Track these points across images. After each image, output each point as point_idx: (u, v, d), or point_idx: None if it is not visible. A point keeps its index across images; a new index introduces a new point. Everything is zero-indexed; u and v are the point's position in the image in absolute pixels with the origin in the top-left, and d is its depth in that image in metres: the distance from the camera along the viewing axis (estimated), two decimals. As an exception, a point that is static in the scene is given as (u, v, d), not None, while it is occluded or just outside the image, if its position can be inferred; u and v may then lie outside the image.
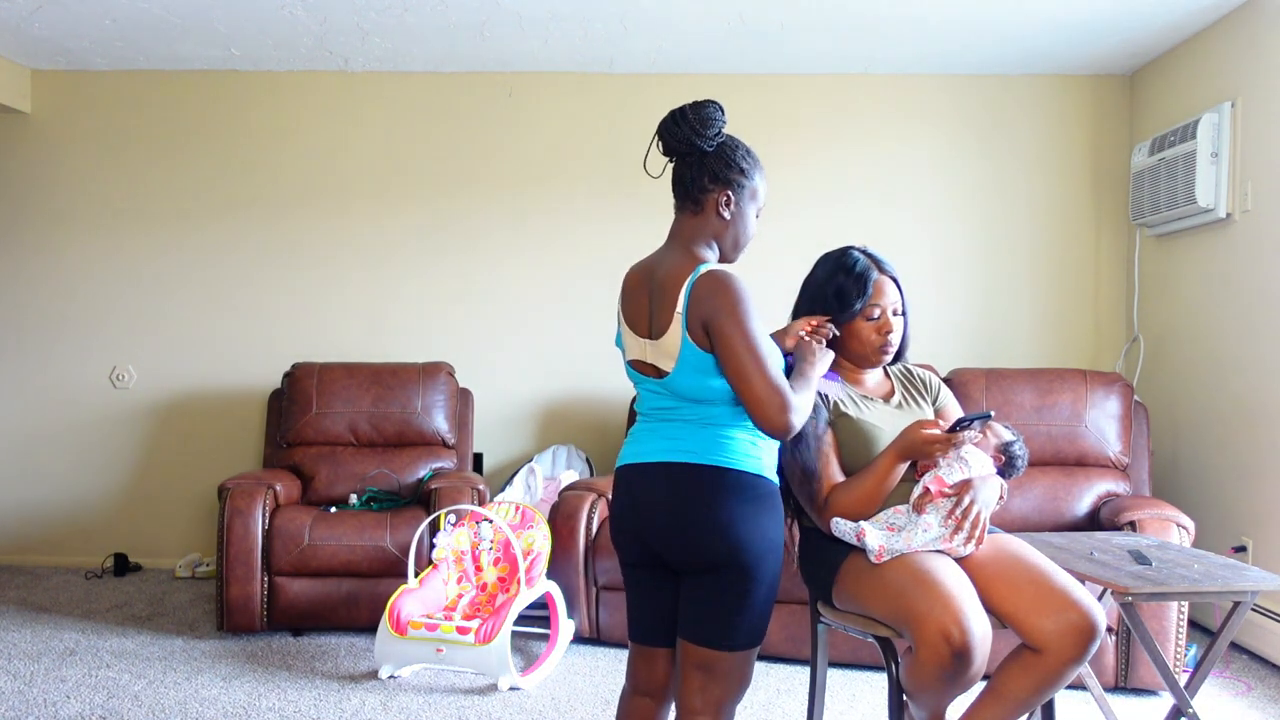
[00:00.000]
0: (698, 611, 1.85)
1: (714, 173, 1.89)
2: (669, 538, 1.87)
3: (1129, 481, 3.75)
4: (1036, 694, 1.98)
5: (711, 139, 1.89)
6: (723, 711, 1.87)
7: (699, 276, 1.81)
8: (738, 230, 1.95)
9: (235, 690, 3.24)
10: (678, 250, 1.91)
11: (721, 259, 1.96)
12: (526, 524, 3.66)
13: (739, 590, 1.82)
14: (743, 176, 1.93)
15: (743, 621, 1.83)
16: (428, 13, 4.01)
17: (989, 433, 2.22)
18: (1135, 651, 3.24)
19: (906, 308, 2.25)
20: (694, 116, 1.87)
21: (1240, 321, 3.79)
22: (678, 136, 1.88)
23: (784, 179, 4.72)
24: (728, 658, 1.84)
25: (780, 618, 3.51)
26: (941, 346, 4.52)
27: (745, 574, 1.82)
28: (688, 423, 1.87)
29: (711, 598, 1.83)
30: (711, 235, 1.93)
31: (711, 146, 1.90)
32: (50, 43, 4.42)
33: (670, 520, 1.85)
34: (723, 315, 1.77)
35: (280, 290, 4.81)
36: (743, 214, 1.95)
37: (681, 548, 1.85)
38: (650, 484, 1.88)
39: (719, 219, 1.92)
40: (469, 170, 4.78)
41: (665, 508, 1.86)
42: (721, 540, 1.80)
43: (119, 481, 4.85)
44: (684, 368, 1.83)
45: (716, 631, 1.83)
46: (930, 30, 4.12)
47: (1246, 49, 3.76)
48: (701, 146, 1.88)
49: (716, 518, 1.80)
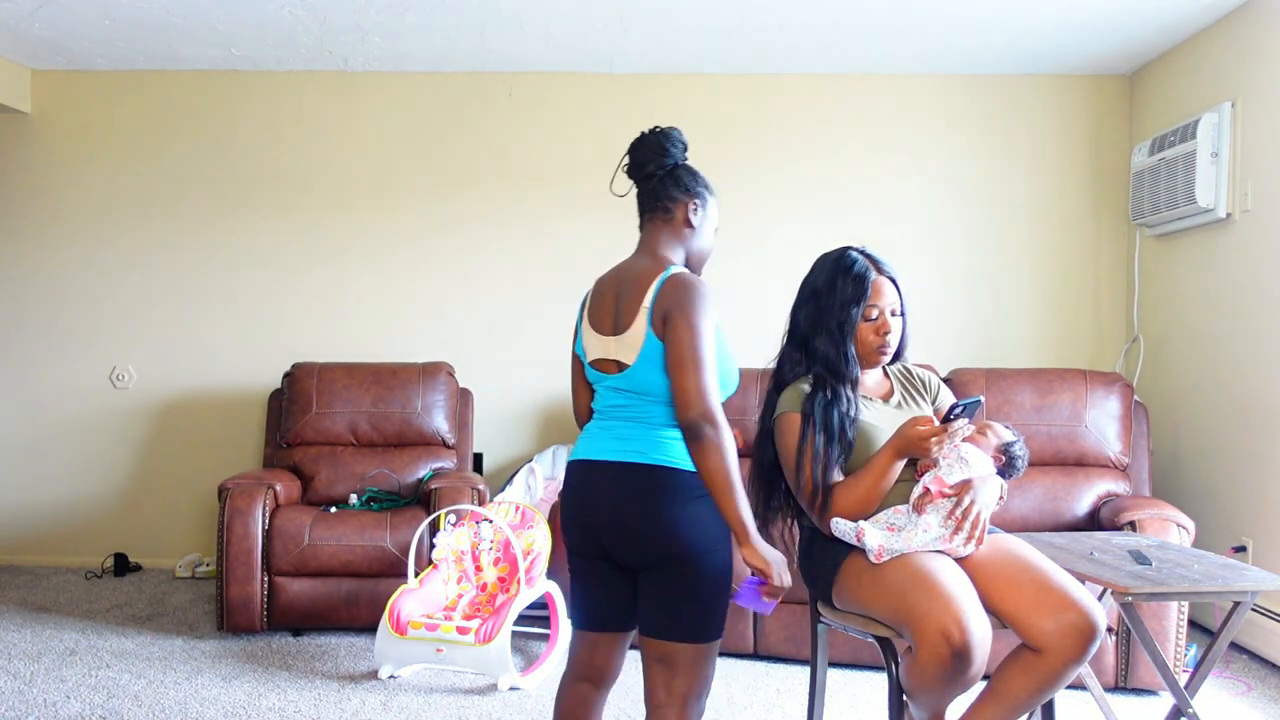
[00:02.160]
0: (653, 607, 1.94)
1: (684, 184, 2.04)
2: (616, 537, 1.95)
3: (1129, 481, 3.75)
4: (1036, 694, 1.98)
5: (679, 153, 2.05)
6: (688, 704, 1.93)
7: (669, 275, 1.92)
8: (702, 241, 2.08)
9: (235, 690, 3.24)
10: (649, 255, 2.02)
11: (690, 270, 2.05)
12: (526, 524, 3.66)
13: (686, 586, 1.90)
14: (706, 190, 2.07)
15: (694, 615, 1.90)
16: (428, 13, 4.01)
17: (989, 433, 2.22)
18: (1135, 651, 3.24)
19: (905, 308, 2.25)
20: (664, 132, 2.04)
21: (1240, 321, 3.79)
22: (650, 148, 2.03)
23: (784, 179, 4.73)
24: (685, 650, 1.90)
25: (780, 618, 3.51)
26: (941, 346, 4.53)
27: (691, 569, 1.89)
28: (639, 422, 1.95)
29: (663, 594, 1.92)
30: (680, 243, 2.05)
31: (681, 160, 2.06)
32: (50, 43, 4.42)
33: (616, 520, 1.94)
34: (680, 309, 1.86)
35: (280, 290, 4.81)
36: (706, 225, 2.08)
37: (628, 547, 1.94)
38: (599, 483, 1.96)
39: (688, 226, 2.04)
40: (469, 170, 4.78)
41: (611, 507, 1.94)
42: (665, 539, 1.89)
43: (119, 481, 4.85)
44: (644, 361, 1.91)
45: (671, 626, 1.91)
46: (930, 30, 4.12)
47: (1246, 49, 3.76)
48: (673, 158, 2.04)
49: (659, 517, 1.89)
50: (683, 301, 1.86)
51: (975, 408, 2.07)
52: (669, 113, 4.69)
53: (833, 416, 2.12)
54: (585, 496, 1.99)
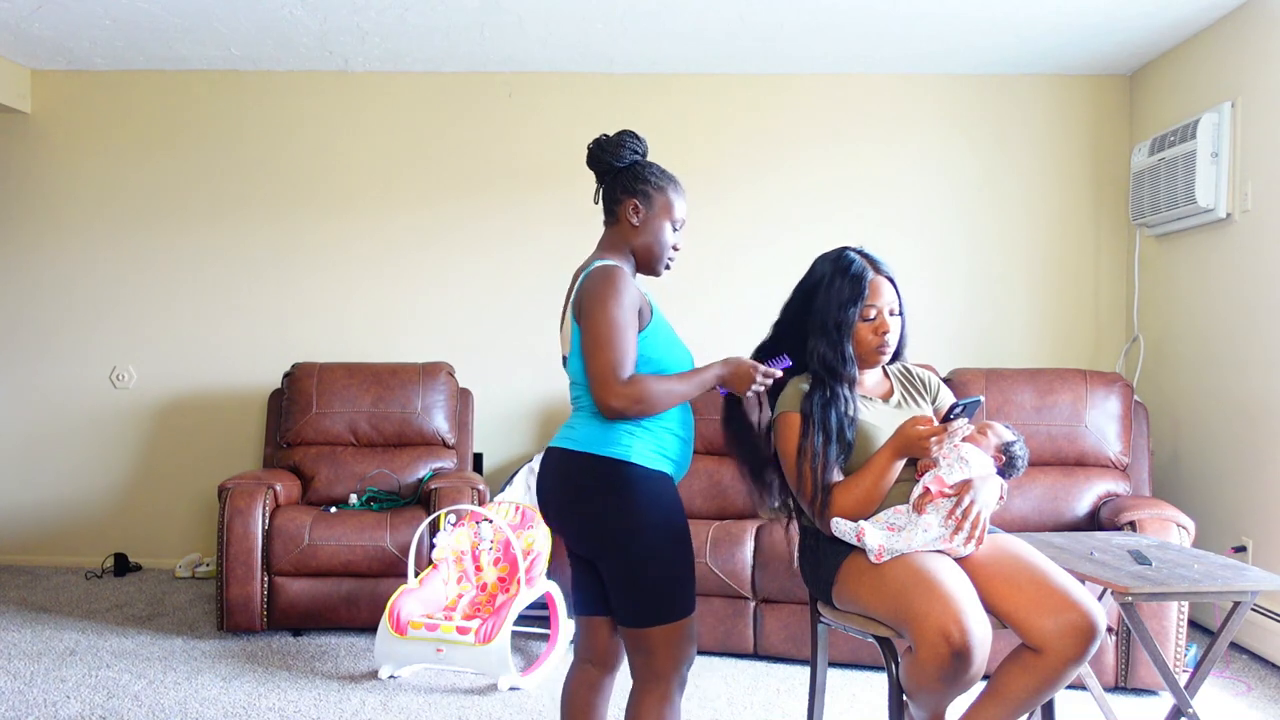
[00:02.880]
0: (612, 594, 2.01)
1: (624, 185, 2.10)
2: (557, 523, 2.07)
3: (1129, 481, 3.74)
4: (1036, 694, 1.98)
5: (623, 158, 2.11)
6: (668, 681, 1.99)
7: (591, 269, 2.02)
8: (649, 238, 2.10)
9: (235, 690, 3.24)
10: (591, 255, 2.12)
11: (642, 267, 2.13)
12: (526, 524, 3.67)
13: (629, 573, 1.96)
14: (651, 189, 2.10)
15: (646, 600, 1.96)
16: (428, 13, 4.01)
17: (989, 432, 2.22)
18: (1135, 651, 3.24)
19: (904, 307, 2.24)
20: (608, 140, 2.12)
21: (1240, 321, 3.79)
22: (595, 157, 2.13)
23: (783, 178, 4.73)
24: (651, 634, 1.96)
25: (780, 618, 3.51)
26: (942, 347, 4.53)
27: (626, 557, 1.96)
28: (581, 410, 2.05)
29: (616, 581, 1.99)
30: (624, 243, 2.11)
31: (623, 164, 2.11)
32: (50, 43, 4.42)
33: (553, 505, 2.06)
34: (590, 298, 1.95)
35: (280, 290, 4.81)
36: (653, 224, 2.10)
37: (567, 532, 2.05)
38: (545, 471, 2.09)
39: (630, 226, 2.10)
40: (469, 170, 4.78)
41: (550, 493, 2.06)
42: (592, 526, 1.98)
43: (119, 481, 4.85)
44: (574, 352, 2.03)
45: (630, 612, 1.98)
46: (930, 30, 4.12)
47: (1246, 49, 3.76)
48: (613, 164, 2.11)
49: (583, 505, 1.99)
50: (592, 292, 1.95)
51: (975, 407, 2.07)
52: (668, 113, 4.69)
53: (831, 417, 2.12)
54: (539, 484, 2.11)
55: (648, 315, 2.02)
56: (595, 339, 1.92)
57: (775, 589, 3.50)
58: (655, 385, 1.94)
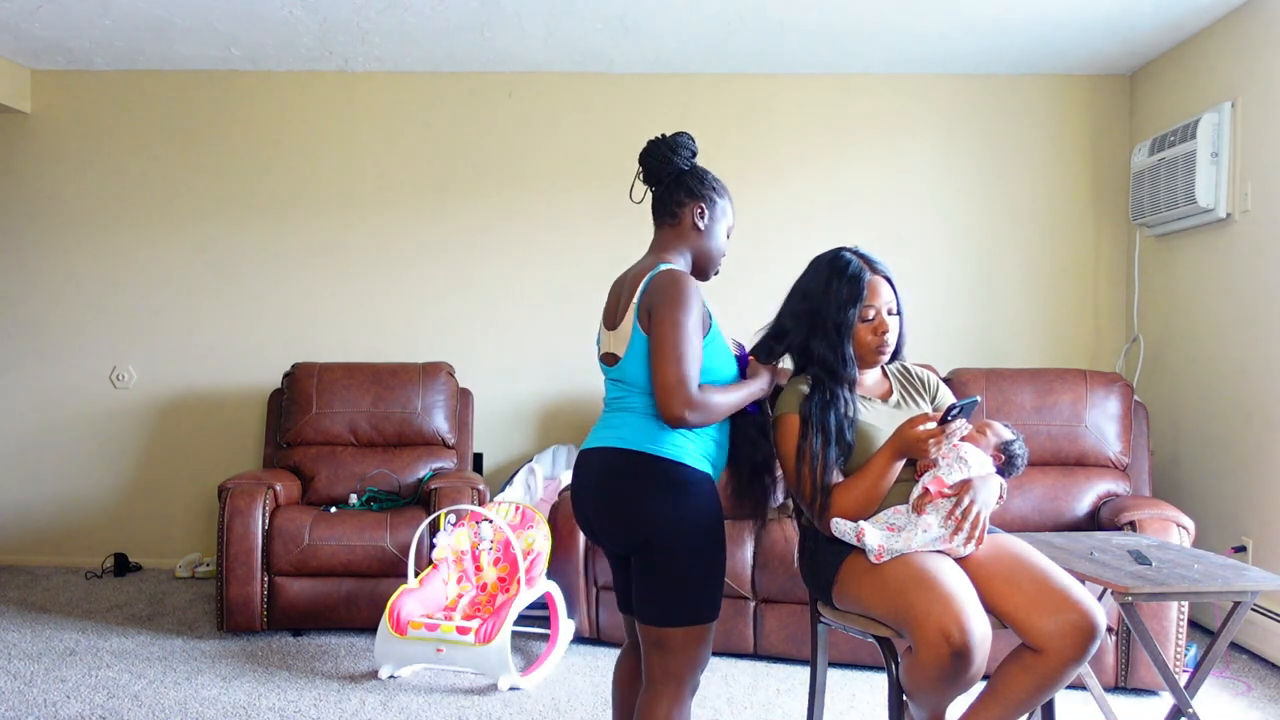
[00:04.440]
0: (639, 591, 2.02)
1: (689, 189, 2.11)
2: (599, 521, 2.06)
3: (1129, 481, 3.74)
4: (1036, 694, 1.98)
5: (686, 159, 2.12)
6: (683, 683, 2.00)
7: (659, 271, 2.01)
8: (710, 244, 2.14)
9: (235, 690, 3.24)
10: (651, 255, 2.12)
11: (696, 272, 2.15)
12: (526, 524, 3.67)
13: (668, 571, 1.96)
14: (715, 194, 2.14)
15: (678, 599, 1.97)
16: (428, 13, 4.01)
17: (988, 432, 2.22)
18: (1135, 651, 3.24)
19: (901, 307, 2.24)
20: (669, 140, 2.12)
21: (1240, 321, 3.79)
22: (657, 156, 2.12)
23: (783, 178, 4.73)
24: (673, 634, 1.97)
25: (780, 618, 3.51)
26: (941, 347, 4.53)
27: (668, 555, 1.96)
28: (631, 412, 2.04)
29: (647, 578, 1.99)
30: (686, 245, 2.13)
31: (687, 165, 2.13)
32: (50, 43, 4.42)
33: (599, 503, 2.05)
34: (663, 303, 1.94)
35: (280, 290, 4.81)
36: (715, 229, 2.14)
37: (611, 530, 2.05)
38: (587, 469, 2.09)
39: (695, 230, 2.12)
40: (469, 170, 4.78)
41: (595, 491, 2.06)
42: (642, 523, 1.97)
43: (119, 481, 4.85)
44: (632, 354, 2.01)
45: (656, 610, 1.98)
46: (930, 30, 4.12)
47: (1246, 49, 3.76)
48: (678, 164, 2.12)
49: (637, 501, 1.98)
50: (665, 297, 1.94)
51: (972, 408, 2.07)
52: (669, 113, 4.69)
53: (830, 419, 2.12)
54: (578, 483, 2.12)
55: (708, 323, 2.03)
56: (669, 347, 1.91)
57: (775, 589, 3.50)
58: (720, 398, 1.98)
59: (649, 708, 2.01)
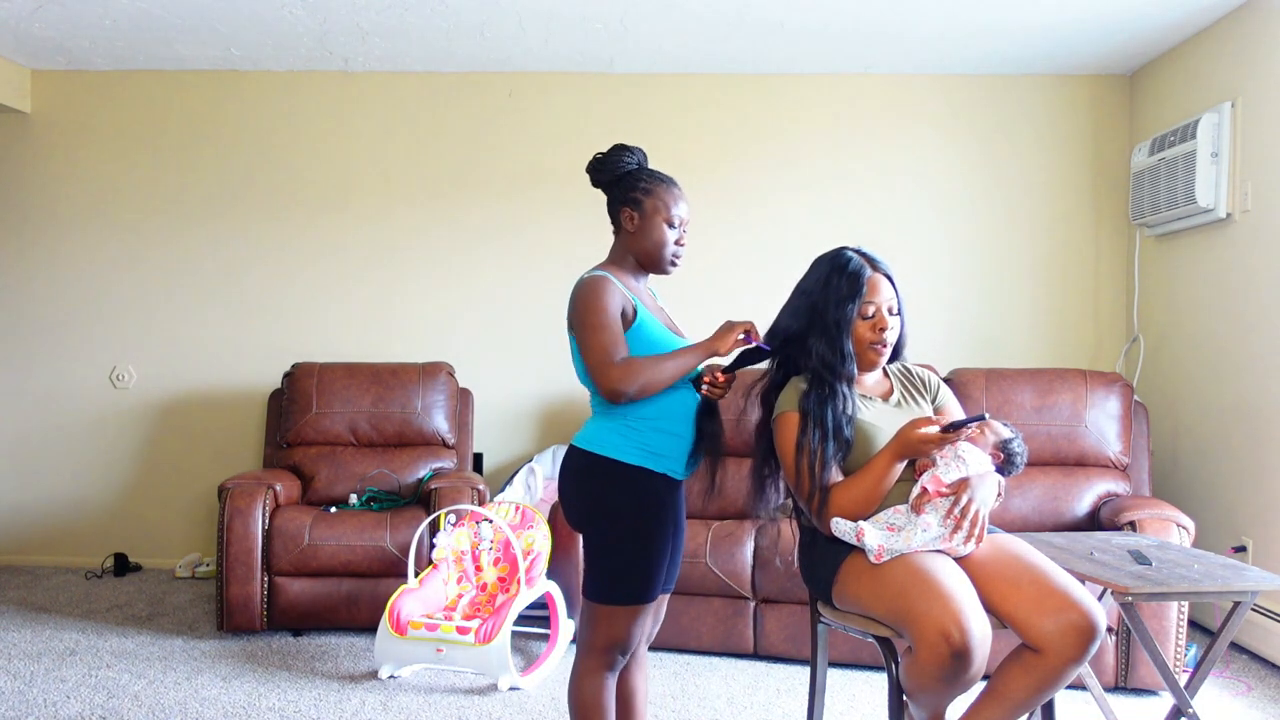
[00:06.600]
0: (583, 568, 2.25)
1: (614, 198, 2.25)
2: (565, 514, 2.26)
3: (1129, 481, 3.74)
4: (1036, 694, 1.98)
5: (613, 173, 2.23)
6: (596, 655, 2.16)
7: (576, 285, 2.19)
8: (647, 242, 2.22)
9: (235, 690, 3.24)
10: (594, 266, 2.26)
11: (648, 267, 2.26)
12: (526, 524, 3.67)
13: (591, 551, 2.18)
14: (640, 194, 2.22)
15: (599, 577, 2.16)
16: (428, 13, 4.01)
17: (987, 430, 2.21)
18: (1135, 651, 3.24)
19: (902, 306, 2.24)
20: (602, 157, 2.24)
21: (1240, 321, 3.79)
22: (593, 175, 2.26)
23: (783, 178, 4.73)
24: (595, 608, 2.16)
25: (780, 618, 3.51)
26: (941, 346, 4.53)
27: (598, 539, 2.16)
28: (592, 411, 2.24)
29: (584, 557, 2.22)
30: (627, 249, 2.25)
31: (615, 173, 2.24)
32: (50, 43, 4.42)
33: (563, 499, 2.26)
34: (575, 311, 2.14)
35: (280, 290, 4.81)
36: (647, 226, 2.22)
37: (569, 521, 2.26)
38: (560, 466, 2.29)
39: (628, 233, 2.24)
40: (469, 170, 4.78)
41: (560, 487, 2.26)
42: (572, 512, 2.21)
43: (119, 481, 4.85)
44: (575, 360, 2.21)
45: (586, 582, 2.20)
46: (930, 30, 4.12)
47: (1246, 49, 3.76)
48: (604, 179, 2.25)
49: (576, 495, 2.20)
50: (575, 304, 2.15)
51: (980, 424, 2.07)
52: (669, 113, 4.70)
53: (828, 414, 2.12)
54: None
55: (631, 316, 2.14)
56: (584, 338, 2.10)
57: (775, 589, 3.50)
58: (648, 361, 2.09)
59: (572, 672, 2.21)
